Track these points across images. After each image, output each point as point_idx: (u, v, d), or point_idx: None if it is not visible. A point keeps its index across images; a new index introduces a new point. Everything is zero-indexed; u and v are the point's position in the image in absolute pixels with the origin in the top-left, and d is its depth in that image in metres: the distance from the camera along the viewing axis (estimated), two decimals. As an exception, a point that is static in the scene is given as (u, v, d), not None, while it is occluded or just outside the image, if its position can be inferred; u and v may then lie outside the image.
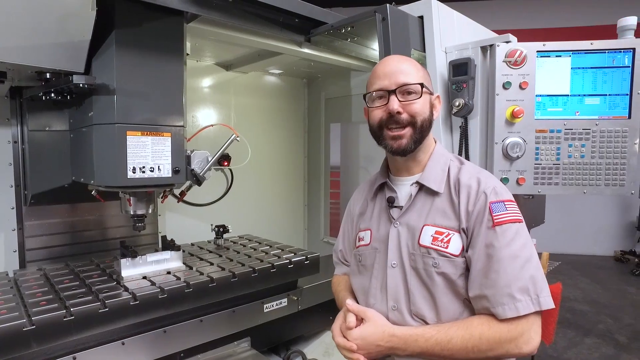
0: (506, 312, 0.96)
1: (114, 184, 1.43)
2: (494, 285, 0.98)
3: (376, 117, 1.12)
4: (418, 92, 1.10)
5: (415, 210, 1.13)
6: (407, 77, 1.09)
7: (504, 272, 0.97)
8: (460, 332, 0.99)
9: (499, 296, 0.97)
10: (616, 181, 1.52)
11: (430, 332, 1.01)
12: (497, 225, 1.01)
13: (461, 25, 1.84)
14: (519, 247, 1.00)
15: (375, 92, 1.12)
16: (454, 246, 1.05)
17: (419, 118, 1.09)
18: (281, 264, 1.82)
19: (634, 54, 1.47)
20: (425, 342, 1.00)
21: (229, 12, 1.57)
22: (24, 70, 1.31)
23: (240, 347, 1.72)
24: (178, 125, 1.51)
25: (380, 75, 1.12)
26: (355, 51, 2.21)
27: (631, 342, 3.75)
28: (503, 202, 1.04)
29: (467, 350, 0.97)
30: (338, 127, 2.89)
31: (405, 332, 1.04)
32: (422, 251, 1.07)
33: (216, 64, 2.50)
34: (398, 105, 1.08)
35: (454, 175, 1.12)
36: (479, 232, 1.02)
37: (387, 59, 1.18)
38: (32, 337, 1.20)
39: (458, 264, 1.04)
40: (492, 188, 1.06)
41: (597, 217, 6.95)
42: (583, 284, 5.46)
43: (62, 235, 1.90)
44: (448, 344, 0.98)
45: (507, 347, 0.97)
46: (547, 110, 1.54)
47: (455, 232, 1.06)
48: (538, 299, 0.97)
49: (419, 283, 1.08)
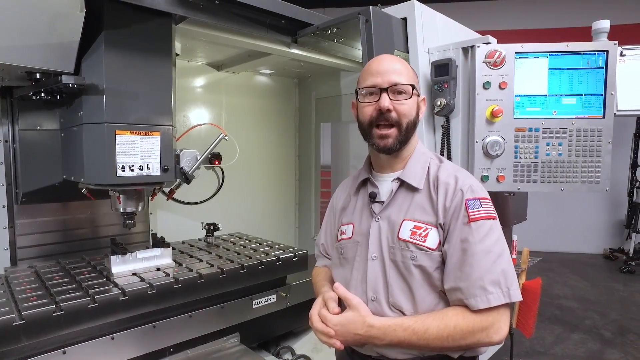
0: (478, 303, 1.00)
1: (103, 182, 1.45)
2: (468, 278, 1.02)
3: (366, 115, 1.16)
4: (409, 92, 1.14)
5: (396, 206, 1.17)
6: (399, 77, 1.13)
7: (478, 265, 1.02)
8: (436, 322, 1.03)
9: (472, 288, 1.01)
10: (592, 178, 1.57)
11: (407, 322, 1.05)
12: (472, 221, 1.05)
13: (444, 26, 1.88)
14: (492, 242, 1.05)
15: (367, 88, 1.15)
16: (431, 240, 1.09)
17: (404, 120, 1.13)
18: (269, 260, 1.85)
19: (607, 56, 1.52)
20: (403, 332, 1.04)
21: (216, 13, 1.60)
22: (14, 70, 1.33)
23: (229, 342, 1.75)
24: (167, 125, 1.54)
25: (374, 72, 1.15)
26: (342, 52, 2.25)
27: (616, 337, 3.82)
28: (479, 199, 1.09)
29: (442, 340, 1.02)
30: (328, 126, 2.93)
31: (384, 322, 1.07)
32: (401, 245, 1.11)
33: (207, 64, 2.53)
34: (389, 103, 1.12)
35: (434, 172, 1.16)
36: (455, 227, 1.07)
37: (382, 57, 1.22)
38: (22, 332, 1.23)
39: (434, 258, 1.08)
40: (469, 186, 1.11)
41: (587, 216, 7.05)
42: (572, 281, 5.54)
43: (53, 233, 1.93)
44: (425, 334, 1.02)
45: (478, 336, 1.01)
46: (525, 109, 1.59)
47: (433, 226, 1.10)
48: (509, 292, 1.02)
49: (397, 275, 1.12)
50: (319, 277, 1.37)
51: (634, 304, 4.68)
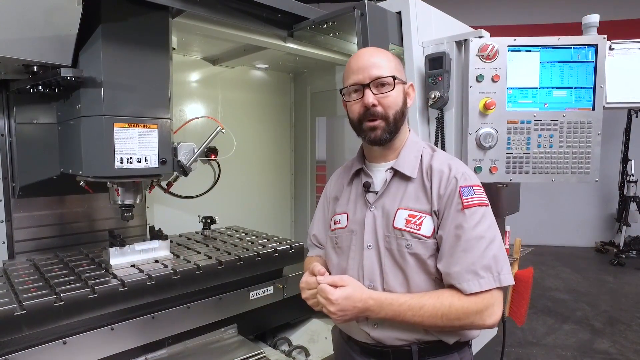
0: (471, 287, 1.04)
1: (102, 175, 1.47)
2: (461, 262, 1.06)
3: (355, 112, 1.19)
4: (391, 84, 1.16)
5: (390, 195, 1.19)
6: (379, 70, 1.15)
7: (471, 251, 1.06)
8: (432, 300, 1.06)
9: (465, 273, 1.05)
10: (582, 169, 1.61)
11: (404, 297, 1.08)
12: (466, 208, 1.08)
13: (438, 20, 1.91)
14: (484, 228, 1.08)
15: (350, 86, 1.19)
16: (425, 228, 1.12)
17: (390, 112, 1.16)
18: (266, 252, 1.87)
19: (596, 50, 1.56)
20: (399, 307, 1.07)
21: (212, 7, 1.61)
22: (11, 63, 1.33)
23: (227, 333, 1.77)
24: (164, 118, 1.55)
25: (354, 69, 1.18)
26: (338, 46, 2.26)
27: (606, 327, 3.91)
28: (472, 186, 1.12)
29: (436, 318, 1.05)
30: (324, 120, 2.95)
31: (381, 295, 1.10)
32: (396, 233, 1.14)
33: (203, 59, 2.53)
34: (373, 99, 1.14)
35: (427, 161, 1.19)
36: (449, 214, 1.10)
37: (360, 53, 1.25)
38: (23, 322, 1.24)
39: (429, 245, 1.11)
40: (462, 173, 1.14)
41: (579, 210, 7.15)
42: (564, 274, 5.63)
43: (51, 227, 1.93)
44: (420, 310, 1.06)
45: (472, 318, 1.05)
46: (517, 102, 1.62)
47: (427, 214, 1.13)
48: (499, 276, 1.05)
49: (392, 263, 1.14)
50: (311, 263, 1.39)
51: (623, 295, 4.78)
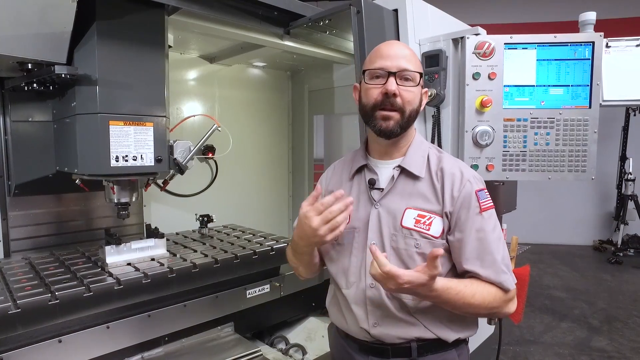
0: (510, 284, 1.12)
1: (97, 172, 1.46)
2: (492, 264, 1.11)
3: (371, 97, 1.14)
4: (416, 80, 1.15)
5: (397, 193, 1.18)
6: (408, 64, 1.14)
7: (497, 252, 1.12)
8: (480, 288, 1.10)
9: (499, 273, 1.11)
10: (578, 167, 1.61)
11: (459, 286, 1.08)
12: (484, 211, 1.13)
13: (434, 18, 1.90)
14: (498, 229, 1.15)
15: (375, 70, 1.14)
16: (435, 228, 1.13)
17: (408, 107, 1.14)
18: (263, 250, 1.87)
19: (593, 47, 1.56)
20: (455, 295, 1.07)
21: (208, 4, 1.61)
22: (6, 60, 1.32)
23: (223, 331, 1.77)
24: (160, 115, 1.55)
25: (384, 55, 1.15)
26: (334, 43, 2.26)
27: (603, 325, 3.92)
28: (484, 190, 1.17)
29: (479, 307, 1.10)
30: (321, 119, 2.94)
31: (444, 284, 1.06)
32: (404, 232, 1.14)
33: (200, 57, 2.52)
34: (396, 87, 1.11)
35: (435, 162, 1.19)
36: (468, 217, 1.12)
37: (393, 42, 1.22)
38: (18, 320, 1.24)
39: (437, 246, 1.11)
40: (474, 177, 1.17)
41: (577, 209, 7.16)
42: (562, 272, 5.64)
43: (47, 225, 1.92)
44: (471, 299, 1.08)
45: (504, 306, 1.13)
46: (514, 99, 1.62)
47: (437, 215, 1.14)
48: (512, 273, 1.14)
49: (398, 262, 1.13)
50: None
51: (621, 293, 4.79)
